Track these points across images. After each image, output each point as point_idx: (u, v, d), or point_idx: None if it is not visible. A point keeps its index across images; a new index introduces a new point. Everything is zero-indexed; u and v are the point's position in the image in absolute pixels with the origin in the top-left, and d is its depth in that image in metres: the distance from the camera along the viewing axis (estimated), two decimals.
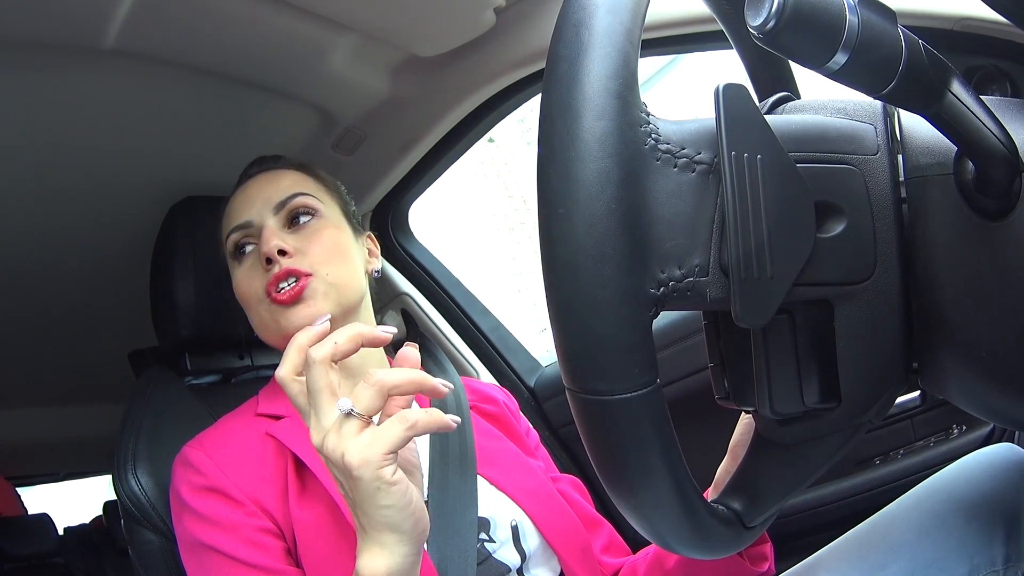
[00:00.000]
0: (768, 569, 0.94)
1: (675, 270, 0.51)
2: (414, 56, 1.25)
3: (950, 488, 0.75)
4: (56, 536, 2.57)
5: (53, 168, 1.27)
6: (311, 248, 1.00)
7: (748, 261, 0.50)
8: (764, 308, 0.52)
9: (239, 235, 1.04)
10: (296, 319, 0.96)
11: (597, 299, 0.47)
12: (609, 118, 0.47)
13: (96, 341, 1.81)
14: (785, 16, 0.45)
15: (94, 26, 1.00)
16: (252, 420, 1.01)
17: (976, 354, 0.56)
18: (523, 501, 0.99)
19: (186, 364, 1.25)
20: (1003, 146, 0.51)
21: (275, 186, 1.05)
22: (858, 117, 0.60)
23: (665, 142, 0.51)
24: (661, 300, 0.50)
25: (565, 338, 0.49)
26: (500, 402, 1.18)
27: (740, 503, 0.61)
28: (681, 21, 1.10)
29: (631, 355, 0.48)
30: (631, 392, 0.48)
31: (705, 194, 0.52)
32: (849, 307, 0.57)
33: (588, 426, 0.51)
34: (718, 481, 0.90)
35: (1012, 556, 0.69)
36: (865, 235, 0.57)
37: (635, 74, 0.49)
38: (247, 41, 1.13)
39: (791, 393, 0.57)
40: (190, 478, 0.93)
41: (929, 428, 1.28)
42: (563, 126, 0.48)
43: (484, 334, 1.73)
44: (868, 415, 0.59)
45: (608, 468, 0.52)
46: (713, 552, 0.58)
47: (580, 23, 0.49)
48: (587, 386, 0.49)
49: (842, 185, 0.56)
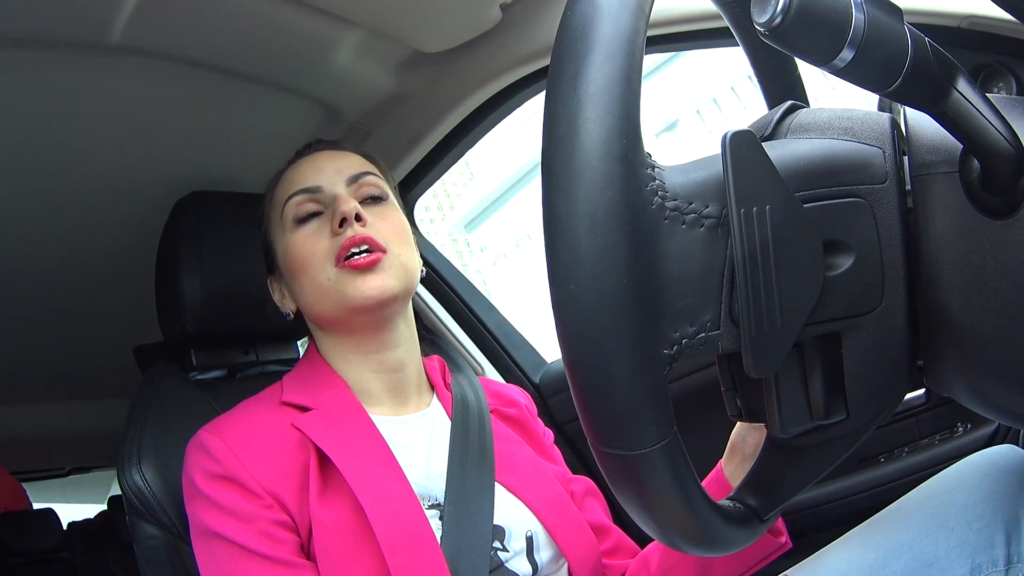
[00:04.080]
0: (784, 542, 0.95)
1: (687, 327, 0.51)
2: (420, 52, 1.25)
3: (951, 489, 0.75)
4: (60, 531, 2.58)
5: (58, 164, 1.28)
6: (384, 225, 0.99)
7: (759, 314, 0.51)
8: (775, 358, 0.53)
9: (304, 197, 1.00)
10: (366, 287, 0.94)
11: (612, 369, 0.48)
12: (615, 187, 0.47)
13: (101, 336, 1.82)
14: (791, 13, 0.45)
15: (100, 22, 1.01)
16: (276, 409, 0.98)
17: (981, 352, 0.56)
18: (540, 511, 0.98)
19: (191, 359, 1.25)
20: (1009, 144, 0.51)
21: (346, 161, 1.04)
22: (865, 138, 0.59)
23: (672, 199, 0.51)
24: (675, 358, 0.51)
25: (585, 405, 0.50)
26: (521, 405, 1.16)
27: (756, 500, 0.63)
28: (687, 18, 1.10)
29: (647, 414, 0.49)
30: (649, 447, 0.50)
31: (715, 248, 0.52)
32: (856, 335, 0.58)
33: (613, 477, 0.53)
34: (729, 477, 0.91)
35: (1013, 558, 0.69)
36: (873, 267, 0.57)
37: (638, 128, 0.48)
38: (253, 36, 1.13)
39: (800, 413, 0.59)
40: (205, 464, 0.90)
41: (934, 426, 1.28)
42: (565, 199, 0.47)
43: (489, 330, 1.73)
44: (875, 423, 0.61)
45: (635, 510, 0.54)
46: (734, 547, 0.60)
47: (576, 74, 0.47)
48: (609, 444, 0.50)
49: (850, 221, 0.56)
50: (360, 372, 1.02)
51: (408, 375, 1.04)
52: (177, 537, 1.02)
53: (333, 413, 0.96)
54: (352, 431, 0.94)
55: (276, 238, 1.04)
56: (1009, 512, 0.70)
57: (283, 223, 1.02)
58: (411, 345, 1.05)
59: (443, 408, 1.06)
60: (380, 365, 1.02)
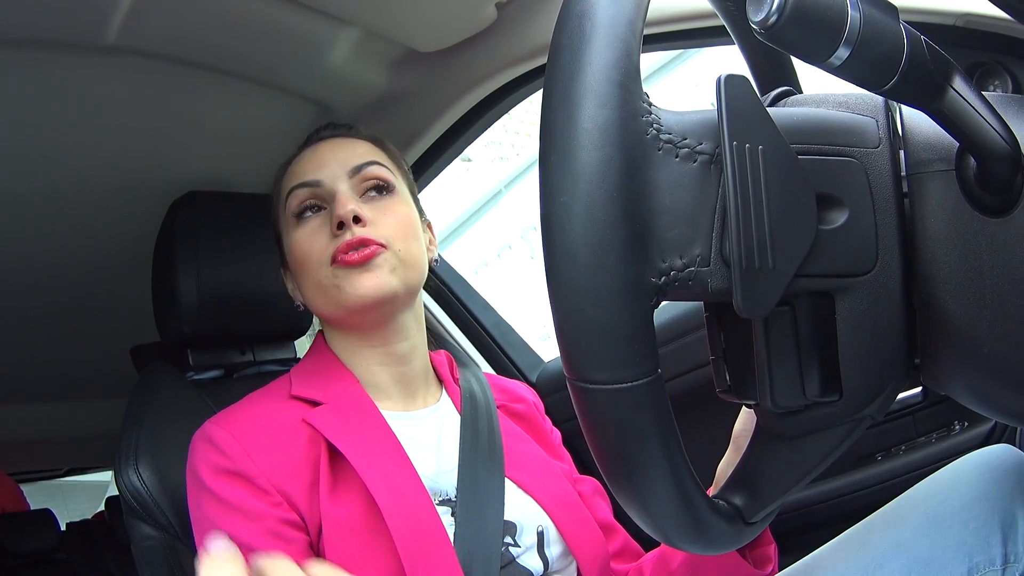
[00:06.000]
0: (771, 570, 0.93)
1: (676, 259, 0.50)
2: (415, 51, 1.25)
3: (948, 488, 0.75)
4: (58, 532, 2.58)
5: (54, 164, 1.27)
6: (386, 219, 0.97)
7: (750, 251, 0.50)
8: (765, 299, 0.52)
9: (306, 192, 0.99)
10: (361, 285, 0.93)
11: (598, 287, 0.47)
12: (611, 107, 0.47)
13: (98, 337, 1.81)
14: (787, 12, 0.45)
15: (95, 22, 1.00)
16: (285, 403, 0.96)
17: (978, 350, 0.55)
18: (550, 507, 0.98)
19: (188, 359, 1.25)
20: (1005, 142, 0.51)
21: (350, 150, 1.02)
22: (860, 111, 0.59)
23: (667, 132, 0.51)
24: (662, 289, 0.50)
25: (565, 327, 0.49)
26: (529, 402, 1.16)
27: (741, 498, 0.60)
28: (683, 16, 1.10)
29: (632, 344, 0.48)
30: (631, 382, 0.48)
31: (707, 184, 0.52)
32: (850, 300, 0.56)
33: (588, 416, 0.50)
34: (720, 475, 0.90)
35: (1010, 557, 0.69)
36: (866, 228, 0.56)
37: (637, 65, 0.49)
38: (248, 36, 1.13)
39: (792, 386, 0.57)
40: (212, 458, 0.88)
41: (931, 424, 1.28)
42: (564, 115, 0.48)
43: (486, 329, 1.73)
44: (870, 409, 0.59)
45: (607, 457, 0.51)
46: (712, 547, 0.58)
47: (583, 14, 0.49)
48: (587, 376, 0.49)
49: (843, 177, 0.56)
50: (367, 365, 1.01)
51: (415, 368, 1.04)
52: (174, 537, 1.02)
53: (344, 408, 0.95)
54: (363, 426, 0.93)
55: (283, 231, 1.03)
56: (1006, 511, 0.70)
57: (287, 217, 1.01)
58: (419, 338, 1.04)
59: (452, 403, 1.06)
60: (387, 357, 1.01)
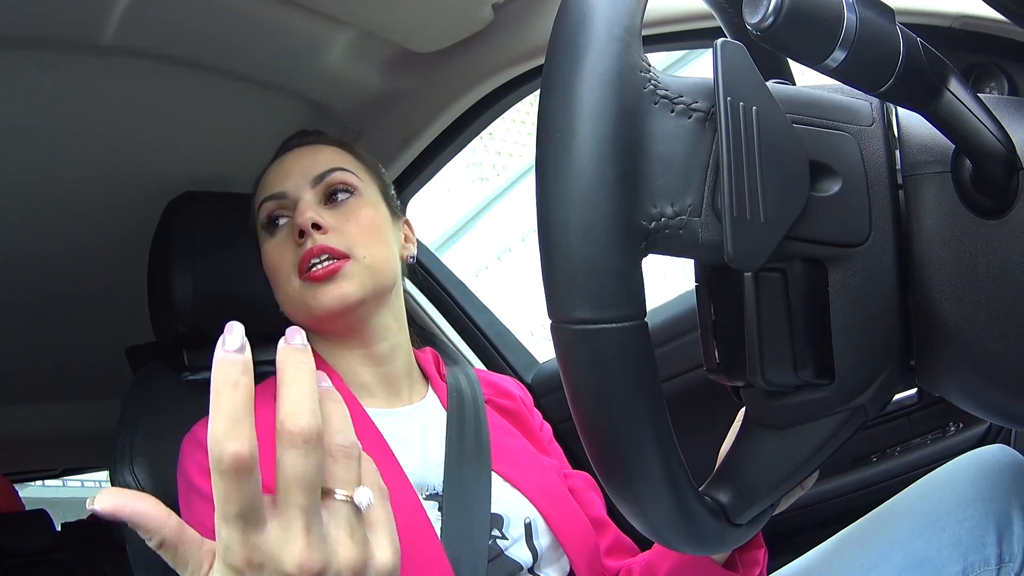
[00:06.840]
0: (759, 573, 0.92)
1: (667, 207, 0.50)
2: (411, 52, 1.25)
3: (943, 489, 0.75)
4: (54, 532, 2.57)
5: (50, 163, 1.27)
6: (348, 227, 0.98)
7: (741, 201, 0.50)
8: (756, 251, 0.51)
9: (273, 205, 1.01)
10: (326, 298, 0.94)
11: (587, 221, 0.47)
12: (612, 57, 0.48)
13: (93, 337, 1.81)
14: (783, 13, 0.45)
15: (92, 22, 1.00)
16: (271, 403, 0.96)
17: (973, 352, 0.56)
18: (537, 499, 0.98)
19: (184, 359, 1.25)
20: (1001, 144, 0.51)
21: (313, 159, 1.04)
22: (854, 95, 0.60)
23: (664, 88, 0.51)
24: (652, 235, 0.50)
25: (552, 261, 0.49)
26: (516, 397, 1.17)
27: (727, 495, 0.58)
28: (679, 17, 1.10)
29: (618, 282, 0.48)
30: (616, 323, 0.48)
31: (701, 140, 0.52)
32: (843, 271, 0.56)
33: (569, 359, 0.49)
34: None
35: (1005, 556, 0.69)
36: (859, 199, 0.56)
37: (639, 28, 0.50)
38: (244, 36, 1.13)
39: (784, 361, 0.56)
40: (201, 459, 0.89)
41: (926, 425, 1.29)
42: (566, 61, 0.49)
43: (481, 329, 1.73)
44: (862, 399, 0.58)
45: (585, 400, 0.50)
46: (694, 543, 0.55)
47: None
48: (571, 315, 0.48)
49: (837, 148, 0.56)
50: (349, 365, 1.02)
51: (398, 367, 1.05)
52: None
53: None
54: None
55: (259, 242, 1.05)
56: (1000, 511, 0.70)
57: (260, 228, 1.04)
58: (400, 337, 1.05)
59: (438, 399, 1.07)
60: (368, 358, 1.02)
